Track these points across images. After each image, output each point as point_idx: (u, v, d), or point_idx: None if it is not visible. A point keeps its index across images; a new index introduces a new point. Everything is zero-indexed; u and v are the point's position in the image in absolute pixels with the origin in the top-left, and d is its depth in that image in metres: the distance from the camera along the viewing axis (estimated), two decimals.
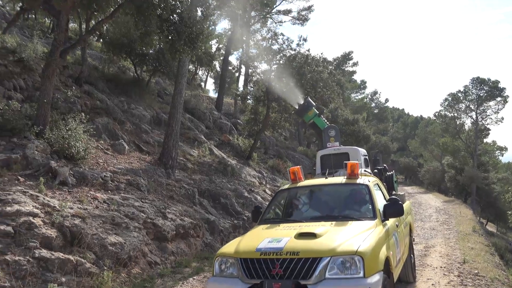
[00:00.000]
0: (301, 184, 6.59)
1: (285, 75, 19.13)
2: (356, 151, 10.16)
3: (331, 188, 6.34)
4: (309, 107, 13.65)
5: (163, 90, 24.05)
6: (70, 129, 10.40)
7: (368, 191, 5.79)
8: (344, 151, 10.13)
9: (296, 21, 36.97)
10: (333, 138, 12.37)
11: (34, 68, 13.60)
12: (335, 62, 49.18)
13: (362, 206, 5.71)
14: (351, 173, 6.12)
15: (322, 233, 4.55)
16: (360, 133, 29.99)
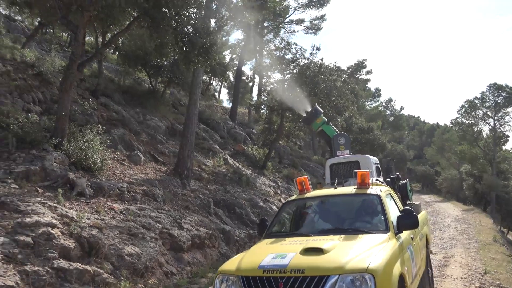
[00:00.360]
0: (308, 195, 6.25)
1: (299, 84, 19.14)
2: (367, 159, 9.82)
3: (340, 199, 6.02)
4: (316, 115, 13.15)
5: (177, 101, 24.27)
6: (87, 140, 10.56)
7: (380, 201, 5.43)
8: (354, 160, 9.83)
9: (309, 30, 37.11)
10: (343, 146, 11.75)
11: (52, 81, 13.88)
12: (349, 70, 49.02)
13: (373, 218, 5.40)
14: (362, 183, 5.78)
15: (330, 248, 4.26)
16: (375, 141, 29.76)
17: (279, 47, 35.97)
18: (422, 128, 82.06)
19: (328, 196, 6.22)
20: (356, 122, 29.95)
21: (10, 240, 6.24)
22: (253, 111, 30.30)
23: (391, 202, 5.96)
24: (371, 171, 8.56)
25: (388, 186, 7.06)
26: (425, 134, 77.39)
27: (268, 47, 38.31)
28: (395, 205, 6.11)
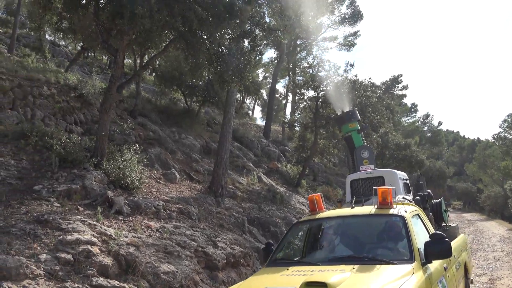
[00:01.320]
0: (320, 215, 5.40)
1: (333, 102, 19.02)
2: (392, 175, 8.80)
3: (356, 220, 5.19)
4: (352, 118, 12.30)
5: (212, 120, 24.65)
6: (125, 160, 10.87)
7: (404, 224, 4.55)
8: (378, 175, 8.82)
9: (342, 47, 37.01)
10: (366, 160, 10.98)
11: (93, 102, 14.47)
12: (384, 86, 48.35)
13: (395, 244, 4.53)
14: (383, 202, 4.90)
15: (336, 283, 3.47)
16: (412, 158, 28.95)
17: (312, 65, 36.07)
18: (462, 143, 79.24)
19: (343, 217, 5.36)
20: (392, 138, 29.33)
21: (52, 258, 6.45)
22: (287, 128, 30.30)
23: (419, 224, 5.15)
24: (397, 188, 7.80)
25: (416, 206, 6.18)
26: (466, 149, 74.62)
27: (301, 65, 38.47)
28: (425, 228, 5.28)
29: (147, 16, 9.25)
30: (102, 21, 11.00)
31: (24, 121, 11.47)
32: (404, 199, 7.05)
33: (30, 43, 22.70)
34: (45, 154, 10.38)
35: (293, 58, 35.29)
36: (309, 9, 21.79)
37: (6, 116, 11.18)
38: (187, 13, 10.17)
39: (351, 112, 12.59)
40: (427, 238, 4.62)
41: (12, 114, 11.41)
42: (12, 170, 9.36)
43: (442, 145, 65.27)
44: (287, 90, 38.87)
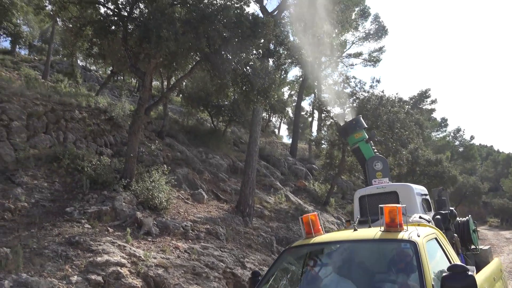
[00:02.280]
0: (316, 240, 4.44)
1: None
2: (408, 190, 7.48)
3: (358, 246, 4.25)
4: (356, 127, 10.80)
5: (238, 139, 24.76)
6: (153, 180, 11.00)
7: (416, 251, 3.63)
8: (391, 190, 7.52)
9: (368, 63, 36.76)
10: (380, 172, 9.56)
11: (122, 125, 14.80)
12: (412, 101, 47.52)
13: (404, 278, 3.71)
14: (391, 223, 4.00)
15: None
16: (444, 174, 28.09)
17: (338, 81, 35.90)
18: (497, 158, 76.47)
19: (342, 243, 4.41)
20: (422, 154, 28.60)
21: (83, 279, 6.51)
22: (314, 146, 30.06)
23: (437, 251, 4.20)
24: (413, 205, 6.86)
25: (434, 228, 5.09)
26: (501, 164, 71.93)
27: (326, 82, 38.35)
28: (445, 255, 4.26)
29: (172, 39, 9.46)
30: (130, 46, 11.33)
31: (57, 144, 11.81)
32: (421, 218, 6.14)
33: (63, 69, 23.60)
34: (76, 176, 10.63)
35: (318, 75, 35.26)
36: (333, 26, 21.83)
37: (40, 140, 11.55)
38: (211, 34, 10.34)
39: (355, 121, 11.05)
40: None
41: (45, 138, 11.77)
42: (45, 193, 9.60)
43: (475, 160, 63.15)
44: (313, 107, 38.73)
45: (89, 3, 11.42)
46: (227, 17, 10.41)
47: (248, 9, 15.67)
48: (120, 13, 11.38)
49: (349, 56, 36.38)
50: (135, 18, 11.17)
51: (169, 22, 9.37)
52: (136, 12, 11.44)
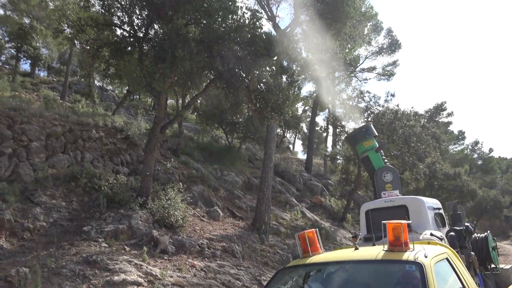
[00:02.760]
0: (313, 260, 4.08)
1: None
2: (418, 203, 6.78)
3: (357, 268, 3.82)
4: (366, 135, 10.12)
5: (253, 156, 24.77)
6: (169, 198, 11.05)
7: (422, 274, 3.22)
8: (400, 204, 6.81)
9: (382, 77, 36.62)
10: (389, 184, 8.83)
11: (138, 143, 14.97)
12: (427, 114, 47.07)
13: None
14: (395, 242, 3.57)
15: None
16: (463, 187, 27.53)
17: (352, 96, 35.82)
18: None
19: (339, 263, 4.00)
20: (440, 168, 28.15)
21: None
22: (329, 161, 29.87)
23: (449, 273, 3.76)
24: (425, 221, 6.32)
25: (446, 246, 4.55)
26: None
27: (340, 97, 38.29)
28: (458, 279, 3.76)
29: (187, 59, 9.60)
30: (146, 66, 11.53)
31: (75, 163, 11.99)
32: (432, 236, 5.60)
33: (80, 90, 24.11)
34: (93, 195, 10.74)
35: (332, 90, 35.27)
36: (346, 42, 21.88)
37: (58, 159, 11.74)
38: (225, 53, 10.47)
39: (364, 128, 10.40)
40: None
41: (63, 158, 11.97)
42: (63, 212, 9.72)
43: (495, 173, 61.79)
44: (327, 122, 38.63)
45: (105, 25, 11.70)
46: (240, 36, 10.55)
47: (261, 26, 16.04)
48: (136, 34, 11.63)
49: (362, 70, 36.34)
50: (151, 38, 11.39)
51: (184, 42, 9.53)
52: (151, 33, 11.68)
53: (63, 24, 11.73)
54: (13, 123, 11.41)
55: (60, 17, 11.76)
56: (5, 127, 11.10)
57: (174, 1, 10.52)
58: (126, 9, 11.35)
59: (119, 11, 11.57)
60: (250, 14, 11.31)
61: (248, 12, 11.36)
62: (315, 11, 18.43)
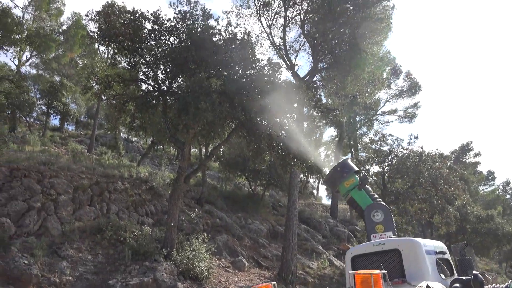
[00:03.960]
0: None
1: (400, 176, 18.36)
2: (414, 246, 5.58)
3: None
4: (343, 174, 8.61)
5: (277, 203, 24.52)
6: (194, 249, 10.94)
7: None
8: (392, 247, 5.68)
9: (403, 119, 36.42)
10: (380, 225, 7.38)
11: (162, 193, 15.09)
12: (453, 155, 46.05)
13: None
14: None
15: None
16: (498, 230, 26.36)
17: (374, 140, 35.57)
18: None
19: None
20: (471, 210, 27.15)
21: None
22: None
23: None
24: (422, 268, 5.33)
25: None
26: None
27: (362, 141, 38.11)
28: None
29: (209, 110, 9.83)
30: (170, 118, 11.85)
31: (100, 216, 12.12)
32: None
33: (106, 142, 24.80)
34: (119, 248, 10.75)
35: (353, 134, 35.15)
36: (365, 86, 22.08)
37: (85, 212, 11.91)
38: (246, 103, 10.69)
39: (340, 167, 8.88)
40: None
41: (90, 210, 12.13)
42: (89, 265, 9.71)
43: None
44: None
45: (131, 81, 12.21)
46: (261, 86, 10.79)
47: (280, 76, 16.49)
48: (160, 88, 12.06)
49: (384, 113, 36.29)
50: (174, 92, 11.77)
51: (206, 94, 9.80)
52: (175, 86, 12.09)
53: (92, 81, 12.30)
54: (43, 178, 11.74)
55: (89, 74, 12.37)
56: (35, 182, 11.42)
57: (196, 55, 10.96)
58: (151, 65, 11.86)
59: (144, 67, 12.10)
60: (269, 65, 11.64)
61: (267, 63, 11.71)
62: (333, 58, 18.84)
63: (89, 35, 12.39)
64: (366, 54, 16.88)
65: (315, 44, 19.31)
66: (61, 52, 25.30)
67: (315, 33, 19.05)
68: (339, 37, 18.25)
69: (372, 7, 17.57)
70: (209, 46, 11.11)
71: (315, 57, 19.40)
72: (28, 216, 10.40)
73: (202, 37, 11.20)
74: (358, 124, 35.53)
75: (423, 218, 20.83)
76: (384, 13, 18.24)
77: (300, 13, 19.45)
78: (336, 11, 17.07)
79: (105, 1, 16.12)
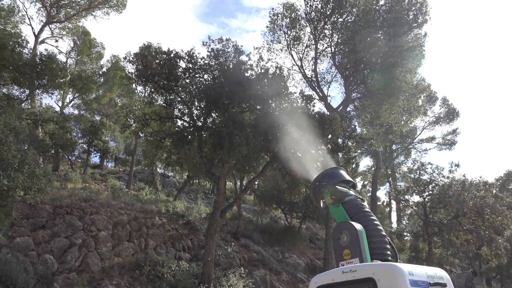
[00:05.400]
0: None
1: (442, 205, 17.65)
2: (394, 275, 4.01)
3: None
4: (321, 189, 6.21)
5: (314, 235, 24.03)
6: (231, 285, 10.81)
7: None
8: (365, 276, 4.23)
9: (442, 146, 35.39)
10: (347, 250, 5.38)
11: (199, 228, 15.13)
12: (499, 182, 43.99)
13: None
14: None
15: None
16: None
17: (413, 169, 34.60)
18: None
19: None
20: None
21: None
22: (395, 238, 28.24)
23: None
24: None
25: None
26: None
27: (400, 170, 37.17)
28: None
29: (244, 144, 9.93)
30: (205, 153, 12.05)
31: (139, 251, 12.25)
32: None
33: (144, 177, 25.36)
34: (157, 283, 10.76)
35: (390, 163, 34.42)
36: (400, 115, 21.74)
37: (124, 248, 12.07)
38: (280, 135, 10.74)
39: (318, 179, 6.32)
40: None
41: (128, 246, 12.30)
42: None
43: None
44: (390, 197, 37.22)
45: (167, 118, 12.57)
46: (294, 118, 10.84)
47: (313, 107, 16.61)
48: (195, 124, 12.34)
49: (421, 141, 35.44)
50: (209, 127, 12.01)
51: (240, 129, 9.94)
52: (209, 121, 12.34)
53: (130, 119, 12.77)
54: (84, 214, 12.07)
55: (127, 113, 12.86)
56: (77, 218, 11.75)
57: (230, 91, 11.20)
58: (186, 102, 12.20)
59: (180, 104, 12.46)
60: (302, 97, 11.73)
61: (300, 96, 11.81)
62: (365, 88, 18.78)
63: (127, 76, 12.99)
64: (400, 82, 16.72)
65: (347, 75, 19.35)
66: (101, 92, 26.59)
67: (347, 63, 19.14)
68: (371, 66, 18.23)
69: (403, 36, 17.54)
70: (241, 81, 11.36)
71: (348, 88, 19.40)
72: (70, 252, 10.65)
73: (234, 73, 11.49)
74: (395, 153, 34.83)
75: (470, 250, 19.81)
76: (416, 41, 18.14)
77: (331, 45, 19.66)
78: (366, 42, 17.12)
79: (142, 43, 16.91)
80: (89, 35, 25.41)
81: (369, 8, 17.76)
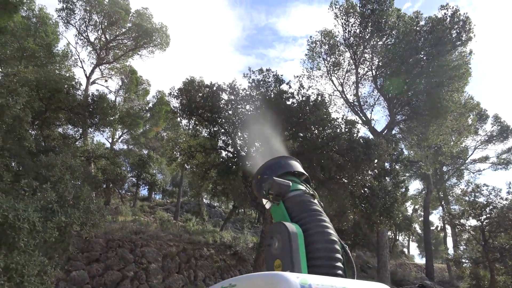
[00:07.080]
0: None
1: (503, 229, 16.57)
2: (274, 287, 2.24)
3: None
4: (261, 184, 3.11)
5: (365, 264, 23.17)
6: None
7: None
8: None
9: (497, 166, 33.53)
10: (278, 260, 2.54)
11: (246, 258, 15.02)
12: None
13: None
14: None
15: None
16: None
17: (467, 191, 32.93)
18: None
19: None
20: None
21: None
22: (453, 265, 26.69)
23: None
24: None
25: None
26: None
27: (453, 192, 35.50)
28: None
29: None
30: (250, 182, 12.07)
31: (188, 283, 12.29)
32: None
33: (191, 208, 25.71)
34: None
35: (442, 186, 32.98)
36: (449, 135, 20.95)
37: (173, 280, 12.17)
38: (325, 162, 10.62)
39: (259, 173, 3.24)
40: None
41: (178, 278, 12.38)
42: None
43: None
44: (444, 222, 35.46)
45: (212, 149, 12.79)
46: (338, 144, 10.72)
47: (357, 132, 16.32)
48: (239, 154, 12.46)
49: (474, 161, 33.79)
50: (253, 157, 12.08)
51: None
52: (252, 151, 12.43)
53: (176, 152, 13.12)
54: (135, 247, 12.34)
55: (173, 146, 13.22)
56: (128, 251, 12.02)
57: (272, 120, 11.28)
58: (229, 133, 12.40)
59: (223, 135, 12.67)
60: (345, 122, 11.60)
61: (343, 121, 11.68)
62: (410, 110, 18.32)
63: (172, 110, 13.40)
64: (447, 102, 16.19)
65: (390, 97, 19.02)
66: (147, 127, 27.61)
67: (389, 86, 18.84)
68: (415, 87, 17.83)
69: (447, 55, 17.10)
70: (283, 110, 11.43)
71: (392, 110, 19.01)
72: (122, 285, 10.86)
73: (276, 102, 11.59)
74: (446, 175, 33.41)
75: None
76: (461, 59, 17.62)
77: (372, 68, 19.49)
78: (408, 63, 16.85)
79: (185, 78, 17.52)
80: (136, 73, 26.68)
81: (409, 29, 17.54)
